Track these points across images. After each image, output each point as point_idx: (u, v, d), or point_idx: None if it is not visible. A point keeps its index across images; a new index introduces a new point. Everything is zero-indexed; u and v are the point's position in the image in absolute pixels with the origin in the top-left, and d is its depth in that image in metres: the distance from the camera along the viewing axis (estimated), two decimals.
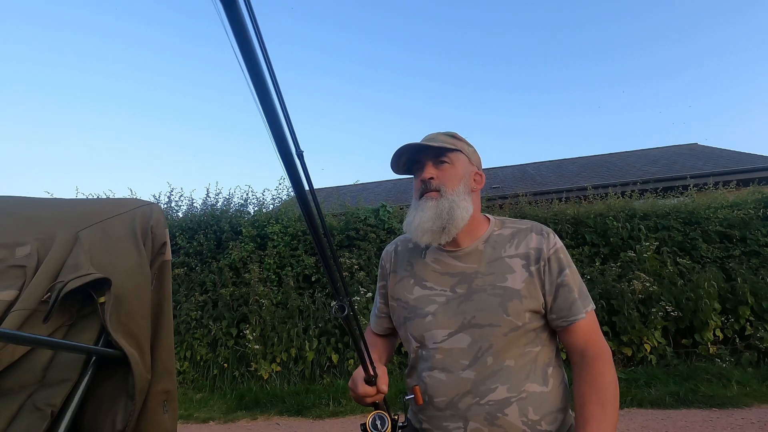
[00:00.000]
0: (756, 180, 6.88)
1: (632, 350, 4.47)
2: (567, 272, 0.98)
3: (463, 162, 1.04)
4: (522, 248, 1.00)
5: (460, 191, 1.00)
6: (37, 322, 0.69)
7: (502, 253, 1.01)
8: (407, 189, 12.01)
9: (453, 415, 0.94)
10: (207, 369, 5.06)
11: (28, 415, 0.63)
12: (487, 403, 0.92)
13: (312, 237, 0.60)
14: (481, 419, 0.91)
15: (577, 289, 0.97)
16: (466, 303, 0.98)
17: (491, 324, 0.95)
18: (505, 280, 0.97)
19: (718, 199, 5.40)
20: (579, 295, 0.97)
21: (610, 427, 0.86)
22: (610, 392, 0.90)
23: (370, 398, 0.91)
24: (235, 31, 0.30)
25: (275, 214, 5.85)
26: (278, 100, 0.39)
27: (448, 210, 0.97)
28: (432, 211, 0.98)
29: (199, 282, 5.48)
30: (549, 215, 5.47)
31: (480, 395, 0.92)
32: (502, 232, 1.05)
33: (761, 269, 4.68)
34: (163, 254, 0.90)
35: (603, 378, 0.92)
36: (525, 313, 0.95)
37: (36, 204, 0.96)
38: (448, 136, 1.06)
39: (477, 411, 0.92)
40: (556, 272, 0.97)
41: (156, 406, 0.76)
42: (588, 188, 6.80)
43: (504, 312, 0.94)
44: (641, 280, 4.57)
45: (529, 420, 0.92)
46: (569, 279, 0.97)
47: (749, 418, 3.27)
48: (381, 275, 1.17)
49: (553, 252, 0.99)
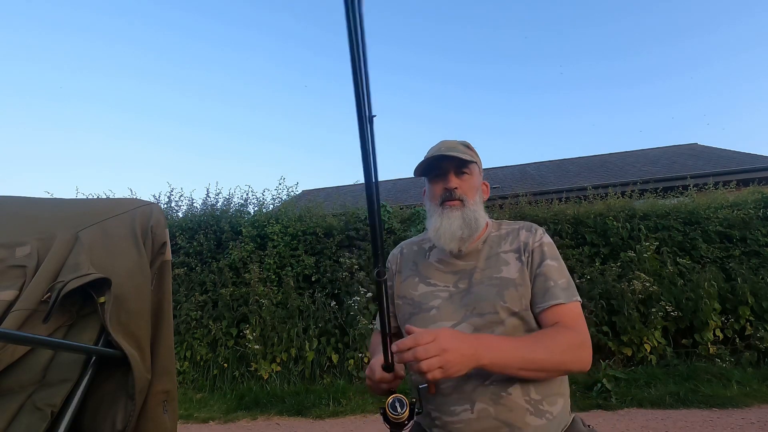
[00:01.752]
0: (756, 180, 6.88)
1: (632, 350, 4.47)
2: (547, 263, 1.05)
3: (477, 173, 1.15)
4: (514, 244, 1.10)
5: (477, 201, 1.12)
6: (37, 322, 0.69)
7: (498, 250, 1.10)
8: (407, 189, 11.99)
9: (460, 398, 0.98)
10: (207, 369, 5.06)
11: (28, 415, 0.63)
12: (492, 383, 0.97)
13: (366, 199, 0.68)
14: (486, 399, 0.96)
15: (557, 280, 1.03)
16: (467, 296, 1.05)
17: (491, 312, 1.01)
18: (501, 272, 1.06)
19: (718, 199, 5.39)
20: (558, 285, 1.02)
21: (527, 356, 0.90)
22: (557, 342, 0.94)
23: (387, 384, 0.93)
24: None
25: (275, 214, 5.84)
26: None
27: (474, 219, 1.08)
28: (460, 221, 1.07)
29: (199, 282, 5.47)
30: (549, 215, 5.46)
31: (484, 377, 0.97)
32: (499, 233, 1.14)
33: (761, 269, 4.68)
34: (163, 254, 0.90)
35: (560, 334, 0.96)
36: (521, 300, 1.02)
37: (36, 204, 0.96)
38: (464, 146, 1.14)
39: (482, 392, 0.97)
40: (538, 262, 1.05)
41: (156, 406, 0.76)
42: (588, 188, 6.79)
43: (501, 299, 1.02)
44: (641, 280, 4.57)
45: (532, 399, 0.97)
46: (548, 269, 1.04)
47: (749, 418, 3.27)
48: (387, 276, 1.20)
49: (538, 245, 1.08)
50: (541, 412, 0.96)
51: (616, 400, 3.76)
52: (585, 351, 0.96)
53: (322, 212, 5.99)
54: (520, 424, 0.95)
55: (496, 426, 0.95)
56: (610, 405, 3.72)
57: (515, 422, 0.95)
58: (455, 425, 0.97)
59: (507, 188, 9.65)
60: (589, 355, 0.97)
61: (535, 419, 0.96)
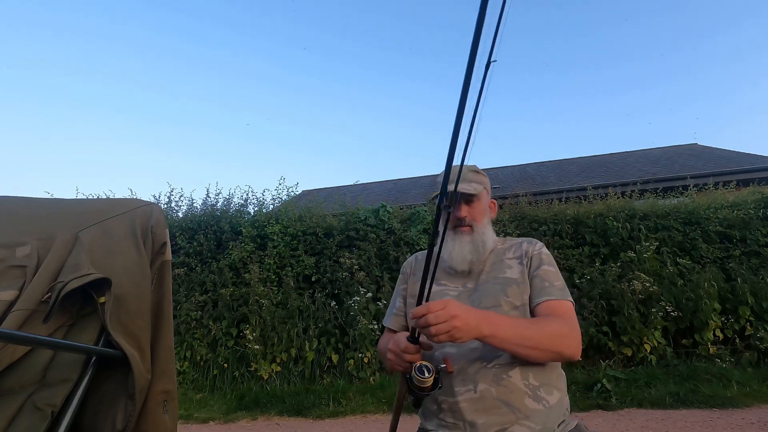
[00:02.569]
0: (756, 180, 6.89)
1: (632, 350, 4.47)
2: (544, 267, 1.18)
3: (485, 196, 1.29)
4: (517, 252, 1.24)
5: (486, 223, 1.26)
6: (38, 323, 0.69)
7: (502, 257, 1.24)
8: (407, 189, 12.01)
9: (463, 380, 1.07)
10: (207, 369, 5.06)
11: (28, 415, 0.63)
12: (494, 366, 1.07)
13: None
14: (489, 380, 1.05)
15: (552, 281, 1.15)
16: (474, 294, 1.18)
17: (494, 306, 1.12)
18: (505, 273, 1.20)
19: (718, 200, 5.40)
20: (553, 285, 1.14)
21: (523, 334, 1.01)
22: (549, 327, 1.05)
23: (410, 356, 0.98)
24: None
25: (275, 215, 5.85)
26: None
27: (482, 243, 1.22)
28: (470, 246, 1.21)
29: (199, 282, 5.47)
30: (549, 215, 5.46)
31: (487, 360, 1.08)
32: (504, 245, 1.29)
33: (761, 269, 4.68)
34: (163, 254, 0.90)
35: (553, 321, 1.07)
36: (522, 295, 1.14)
37: (36, 204, 0.96)
38: (473, 172, 1.26)
39: (485, 374, 1.06)
40: (536, 266, 1.19)
41: (156, 406, 0.76)
42: (588, 188, 6.79)
43: (504, 295, 1.14)
44: (641, 281, 4.57)
45: (530, 384, 1.06)
46: (544, 273, 1.17)
47: (749, 418, 3.27)
48: (402, 279, 1.37)
49: (536, 253, 1.22)
50: (539, 398, 1.05)
51: (616, 401, 3.77)
52: (574, 339, 1.06)
53: (322, 212, 6.00)
54: (518, 405, 1.03)
55: (497, 405, 1.03)
56: (610, 405, 3.72)
57: (514, 403, 1.03)
58: (460, 405, 1.06)
59: (507, 188, 9.66)
60: (578, 344, 1.06)
61: (532, 402, 1.04)
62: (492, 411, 1.03)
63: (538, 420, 1.03)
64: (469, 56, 0.65)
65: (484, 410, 1.03)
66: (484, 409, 1.03)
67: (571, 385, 4.04)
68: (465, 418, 1.04)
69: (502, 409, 1.03)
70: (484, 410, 1.03)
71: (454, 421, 1.07)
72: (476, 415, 1.04)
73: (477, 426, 1.03)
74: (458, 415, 1.06)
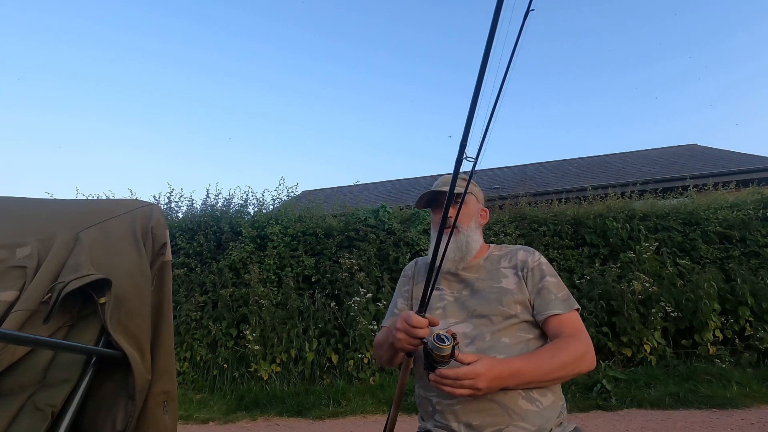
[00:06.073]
0: (756, 180, 6.89)
1: (632, 351, 4.47)
2: (547, 279, 1.21)
3: (473, 202, 1.33)
4: (512, 261, 1.27)
5: (472, 227, 1.29)
6: (38, 323, 0.69)
7: (498, 266, 1.28)
8: (406, 190, 12.02)
9: None
10: (207, 370, 5.06)
11: (28, 415, 0.63)
12: None
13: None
14: None
15: (557, 293, 1.19)
16: (469, 300, 1.22)
17: (489, 314, 1.17)
18: (500, 283, 1.23)
19: (718, 200, 5.39)
20: (558, 298, 1.18)
21: (545, 370, 1.04)
22: (567, 354, 1.07)
23: (422, 330, 1.00)
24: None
25: (275, 215, 5.84)
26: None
27: (466, 243, 1.26)
28: (453, 245, 1.22)
29: (198, 283, 5.47)
30: (549, 216, 5.46)
31: None
32: (500, 253, 1.32)
33: (761, 270, 4.68)
34: (163, 255, 0.90)
35: (568, 345, 1.09)
36: (516, 305, 1.18)
37: (36, 205, 0.96)
38: (461, 179, 1.26)
39: None
40: (539, 278, 1.21)
41: (156, 407, 0.76)
42: (588, 189, 6.78)
43: (499, 303, 1.18)
44: (641, 281, 4.57)
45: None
46: (549, 284, 1.20)
47: (749, 418, 3.27)
48: (403, 282, 1.41)
49: (536, 264, 1.24)
50: (532, 399, 1.08)
51: (616, 401, 3.77)
52: (589, 353, 1.10)
53: (321, 213, 5.99)
54: (512, 406, 1.06)
55: (491, 407, 1.06)
56: (609, 405, 3.72)
57: (508, 404, 1.06)
58: (454, 407, 1.09)
59: (507, 189, 9.65)
60: (593, 356, 1.11)
61: (526, 404, 1.07)
62: (487, 412, 1.06)
63: (533, 421, 1.05)
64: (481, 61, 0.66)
65: (478, 411, 1.06)
66: (479, 411, 1.06)
67: (570, 386, 4.04)
68: (460, 419, 1.07)
69: (496, 410, 1.06)
70: (479, 411, 1.06)
71: (449, 422, 1.09)
72: (471, 417, 1.06)
73: (472, 427, 1.06)
74: (453, 416, 1.08)
